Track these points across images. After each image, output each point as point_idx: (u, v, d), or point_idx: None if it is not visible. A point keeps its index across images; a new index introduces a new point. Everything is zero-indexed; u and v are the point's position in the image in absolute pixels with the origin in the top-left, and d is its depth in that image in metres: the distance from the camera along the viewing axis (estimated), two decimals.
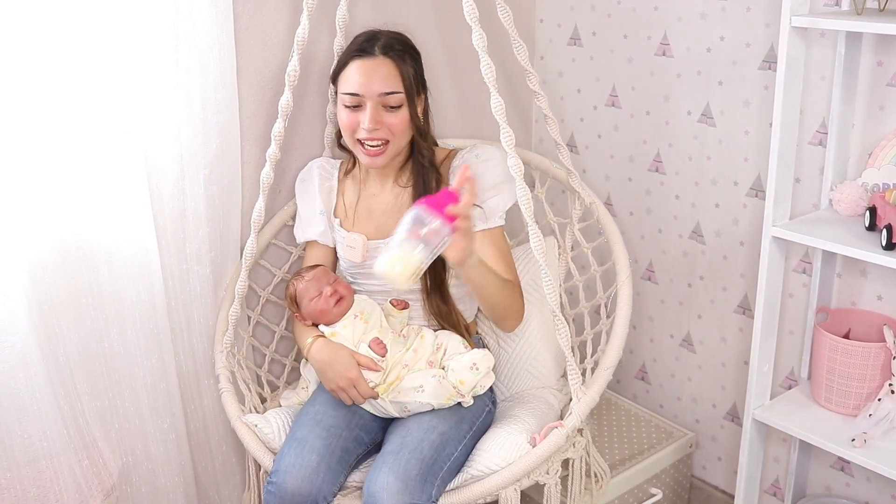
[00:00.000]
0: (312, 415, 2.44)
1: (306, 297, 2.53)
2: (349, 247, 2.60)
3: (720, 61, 2.80)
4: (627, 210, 3.21)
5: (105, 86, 2.32)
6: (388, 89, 2.41)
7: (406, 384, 2.43)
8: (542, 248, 2.33)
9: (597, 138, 3.24)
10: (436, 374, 2.45)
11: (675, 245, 3.09)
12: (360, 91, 2.41)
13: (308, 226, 2.68)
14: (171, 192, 2.52)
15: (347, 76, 2.44)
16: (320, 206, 2.66)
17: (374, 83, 2.40)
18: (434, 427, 2.38)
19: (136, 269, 2.48)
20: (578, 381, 2.41)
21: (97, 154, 2.35)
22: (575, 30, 3.21)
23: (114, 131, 2.36)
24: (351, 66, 2.44)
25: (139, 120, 2.41)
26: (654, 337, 3.26)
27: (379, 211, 2.60)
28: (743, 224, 2.87)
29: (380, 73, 2.41)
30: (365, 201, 2.63)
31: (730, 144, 2.84)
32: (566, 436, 2.35)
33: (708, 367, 3.11)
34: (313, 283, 2.54)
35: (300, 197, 2.72)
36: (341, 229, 2.63)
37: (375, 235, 2.59)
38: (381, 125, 2.42)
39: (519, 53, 2.40)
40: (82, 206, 2.36)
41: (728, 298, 2.98)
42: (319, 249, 2.69)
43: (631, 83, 3.08)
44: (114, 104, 2.35)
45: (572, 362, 2.39)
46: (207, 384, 2.72)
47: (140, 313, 2.52)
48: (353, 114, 2.44)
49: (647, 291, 3.22)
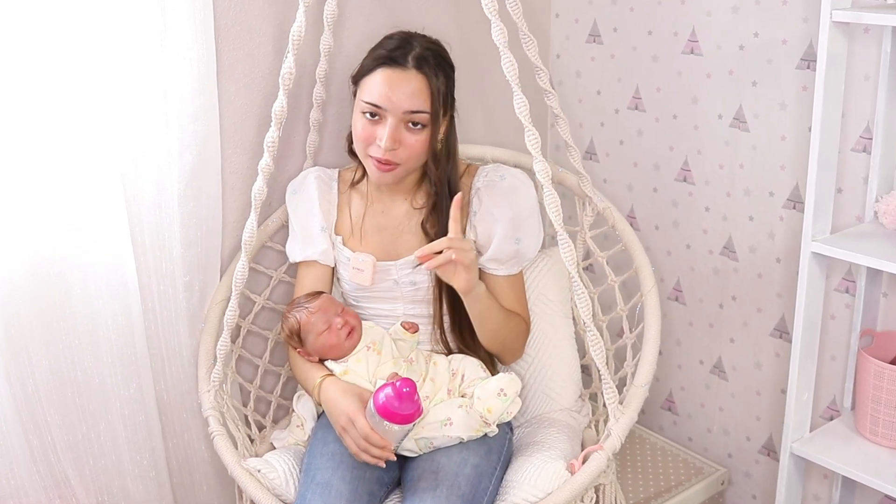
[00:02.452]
0: (329, 455, 2.40)
1: (313, 331, 2.49)
2: (356, 269, 2.59)
3: (754, 60, 2.80)
4: (652, 223, 3.21)
5: (75, 91, 2.32)
6: (414, 108, 2.40)
7: (431, 418, 2.40)
8: (574, 258, 2.31)
9: (618, 145, 3.25)
10: (462, 403, 2.44)
11: (705, 262, 3.09)
12: (383, 104, 2.40)
13: (307, 244, 2.65)
14: (149, 206, 2.51)
15: (372, 84, 2.43)
16: (321, 221, 2.64)
17: (402, 99, 2.39)
18: (466, 460, 2.37)
19: (111, 289, 2.47)
20: (615, 400, 2.39)
21: (67, 163, 2.35)
22: (594, 25, 3.21)
23: (85, 136, 2.36)
24: (378, 73, 2.42)
25: (113, 127, 2.40)
26: (681, 363, 3.26)
27: (389, 229, 2.60)
28: (779, 239, 2.87)
29: (409, 88, 2.39)
30: (373, 218, 2.62)
31: (765, 151, 2.84)
32: (607, 459, 2.34)
33: (741, 396, 3.11)
34: (320, 316, 2.49)
35: (295, 211, 2.69)
36: (345, 248, 2.62)
37: (384, 256, 2.59)
38: (400, 145, 2.42)
39: (528, 48, 2.39)
40: (52, 219, 2.36)
41: (763, 320, 2.98)
42: (318, 270, 2.66)
43: (656, 84, 3.09)
44: (85, 108, 2.34)
45: (608, 379, 2.38)
46: (191, 417, 2.71)
47: (116, 337, 2.51)
48: (370, 125, 2.43)
49: (674, 313, 3.23)
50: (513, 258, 2.55)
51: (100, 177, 2.40)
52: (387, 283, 2.59)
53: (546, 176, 2.27)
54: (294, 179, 2.73)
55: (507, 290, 2.57)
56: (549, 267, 2.80)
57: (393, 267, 2.57)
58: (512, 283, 2.59)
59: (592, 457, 2.33)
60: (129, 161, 2.46)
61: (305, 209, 2.66)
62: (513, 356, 2.65)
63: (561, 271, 2.80)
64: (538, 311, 2.73)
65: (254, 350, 2.85)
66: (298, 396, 2.64)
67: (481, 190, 2.55)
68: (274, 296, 2.86)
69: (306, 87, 2.76)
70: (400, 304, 2.61)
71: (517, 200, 2.54)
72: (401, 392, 2.23)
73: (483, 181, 2.57)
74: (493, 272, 2.56)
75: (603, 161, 3.30)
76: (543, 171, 2.27)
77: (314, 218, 2.64)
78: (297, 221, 2.68)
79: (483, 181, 2.57)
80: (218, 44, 2.56)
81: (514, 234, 2.53)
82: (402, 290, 2.59)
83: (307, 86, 2.76)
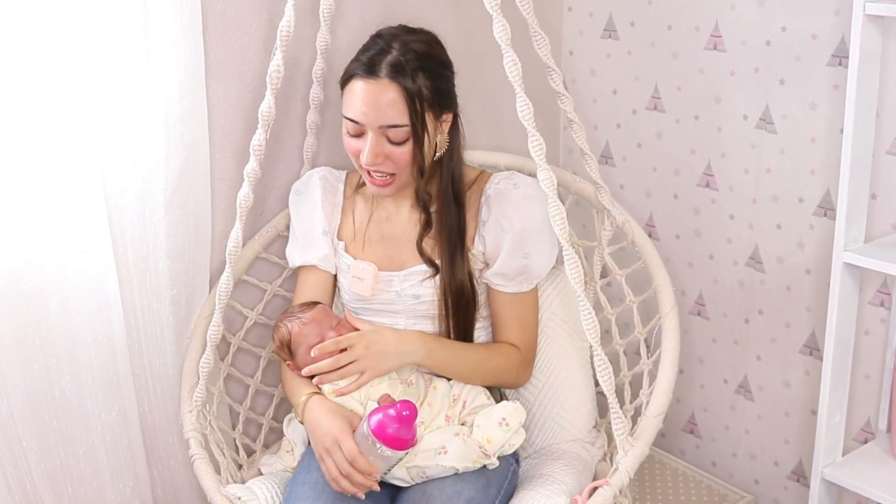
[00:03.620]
0: (311, 484, 2.40)
1: (304, 343, 2.46)
2: (356, 277, 2.59)
3: (781, 56, 2.79)
4: (672, 233, 3.21)
5: (51, 92, 2.30)
6: (389, 122, 2.38)
7: (425, 445, 2.39)
8: (580, 276, 2.30)
9: (636, 148, 3.25)
10: (459, 431, 2.42)
11: (730, 273, 3.09)
12: (358, 119, 2.39)
13: (308, 247, 2.65)
14: (133, 215, 2.51)
15: (348, 96, 2.42)
16: (323, 224, 2.63)
17: (374, 113, 2.37)
18: (460, 493, 2.36)
19: (92, 304, 2.47)
20: (625, 431, 2.37)
21: (43, 169, 2.33)
22: (609, 19, 3.21)
23: (62, 140, 2.34)
24: (352, 85, 2.41)
25: (93, 130, 2.39)
26: (704, 382, 3.26)
27: (394, 237, 2.59)
28: (809, 248, 2.86)
29: (382, 100, 2.37)
30: (377, 224, 2.61)
31: (793, 154, 2.83)
32: (613, 496, 2.32)
33: (769, 418, 3.10)
34: (313, 327, 2.48)
35: (297, 212, 2.68)
36: (347, 255, 2.62)
37: (388, 266, 2.58)
38: (384, 159, 2.41)
39: (539, 46, 2.37)
40: (27, 229, 2.35)
41: (792, 336, 2.98)
42: (318, 276, 2.65)
43: (676, 82, 3.08)
44: (62, 111, 2.33)
45: (617, 408, 2.36)
46: (178, 441, 2.71)
47: (97, 356, 2.50)
48: (353, 140, 2.43)
49: (696, 328, 3.22)
50: (521, 274, 2.54)
51: (79, 184, 2.39)
52: (388, 294, 2.58)
53: (551, 186, 2.26)
54: (299, 180, 2.73)
55: (511, 308, 2.57)
56: (561, 285, 2.78)
57: (395, 278, 2.56)
58: (520, 302, 2.57)
59: (598, 492, 2.32)
60: (111, 167, 2.45)
61: (308, 211, 2.66)
62: (509, 386, 2.66)
63: (573, 289, 2.75)
64: (549, 333, 2.72)
65: (244, 369, 2.85)
66: (290, 419, 2.63)
67: (491, 198, 2.54)
68: (268, 311, 2.85)
69: (302, 88, 2.76)
70: (402, 319, 2.59)
71: (528, 212, 2.52)
72: (401, 415, 2.23)
73: (494, 189, 2.56)
74: (500, 288, 2.55)
75: (619, 166, 3.30)
76: (548, 180, 2.26)
77: (316, 221, 2.64)
78: (299, 224, 2.67)
79: (494, 189, 2.56)
80: (206, 41, 2.55)
81: (523, 248, 2.52)
82: (404, 303, 2.58)
83: (303, 86, 2.76)
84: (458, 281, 2.49)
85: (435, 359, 2.49)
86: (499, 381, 2.60)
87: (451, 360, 2.51)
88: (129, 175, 2.48)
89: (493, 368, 2.55)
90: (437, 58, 2.47)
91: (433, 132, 2.43)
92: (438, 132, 2.45)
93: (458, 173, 2.53)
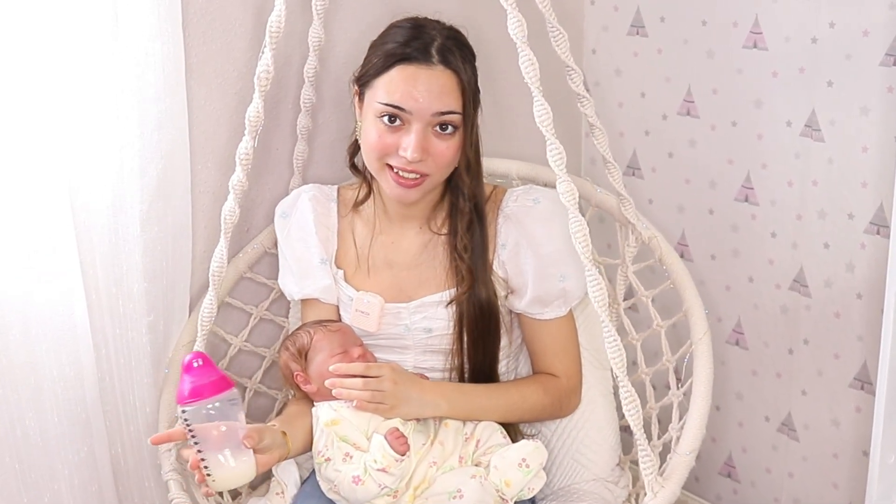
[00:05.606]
0: None
1: (326, 351, 2.47)
2: (360, 311, 2.58)
3: (829, 55, 2.78)
4: (707, 252, 3.21)
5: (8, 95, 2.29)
6: (445, 108, 2.37)
7: (438, 488, 2.40)
8: (604, 298, 2.27)
9: (667, 158, 3.25)
10: (475, 473, 2.42)
11: (771, 298, 3.08)
12: (409, 107, 2.36)
13: (304, 279, 2.64)
14: (103, 232, 2.50)
15: (390, 84, 2.39)
16: (320, 252, 2.63)
17: (430, 99, 2.36)
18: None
19: (57, 332, 2.46)
20: (654, 470, 2.34)
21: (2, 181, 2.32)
22: (637, 14, 3.22)
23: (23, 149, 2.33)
24: (396, 71, 2.38)
25: (58, 137, 2.38)
26: (743, 420, 3.26)
27: (401, 263, 2.58)
28: (860, 270, 2.85)
29: (437, 85, 2.36)
30: (381, 249, 2.61)
31: (843, 165, 2.82)
32: None
33: (815, 459, 3.09)
34: (339, 337, 2.50)
35: (286, 239, 2.68)
36: (348, 286, 2.61)
37: (395, 297, 2.57)
38: (428, 154, 2.39)
39: (558, 43, 2.35)
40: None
41: (841, 369, 2.96)
42: (320, 310, 2.65)
43: (712, 84, 3.08)
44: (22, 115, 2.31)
45: (644, 444, 2.33)
46: (155, 486, 2.70)
47: (63, 390, 2.49)
48: (389, 133, 2.39)
49: (733, 359, 3.22)
50: (559, 298, 2.55)
51: (42, 198, 2.37)
52: (396, 329, 2.58)
53: (571, 199, 2.23)
54: (284, 200, 2.73)
55: (551, 336, 2.58)
56: (581, 307, 2.76)
57: (404, 310, 2.56)
58: (558, 328, 2.58)
59: None
60: (79, 178, 2.44)
61: (300, 237, 2.65)
62: (555, 419, 2.69)
63: (596, 313, 2.73)
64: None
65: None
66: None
67: (511, 217, 2.54)
68: (253, 337, 2.86)
69: (293, 89, 2.77)
70: (410, 355, 2.60)
71: (556, 230, 2.49)
72: (190, 367, 2.23)
73: (513, 206, 2.56)
74: (538, 316, 2.56)
75: (648, 177, 3.31)
76: (568, 192, 2.23)
77: (311, 248, 2.64)
78: (291, 252, 2.67)
79: (513, 206, 2.56)
80: (186, 36, 2.55)
81: (557, 269, 2.52)
82: (413, 337, 2.58)
83: (294, 87, 2.76)
84: (483, 305, 2.50)
85: (458, 410, 2.49)
86: (539, 418, 2.64)
87: (478, 410, 2.51)
88: (99, 188, 2.47)
89: (529, 408, 2.57)
90: (471, 49, 2.48)
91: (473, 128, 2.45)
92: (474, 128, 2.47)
93: (479, 183, 2.53)
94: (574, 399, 2.65)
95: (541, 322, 2.56)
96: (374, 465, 2.32)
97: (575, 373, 2.63)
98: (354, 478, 2.34)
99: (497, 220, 2.55)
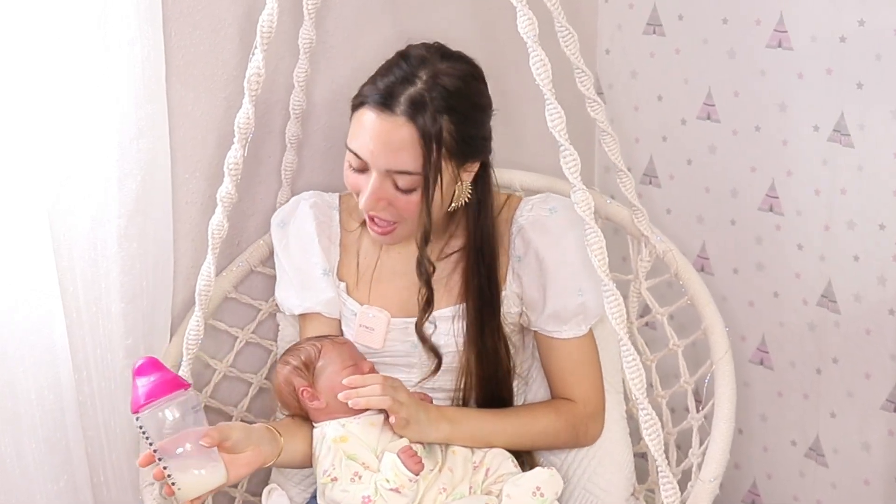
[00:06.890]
0: None
1: (337, 363, 2.45)
2: (364, 327, 2.57)
3: (859, 55, 2.78)
4: (729, 266, 3.22)
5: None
6: (397, 167, 2.33)
7: None
8: (623, 316, 2.26)
9: (685, 165, 3.25)
10: (488, 502, 2.42)
11: (798, 314, 3.08)
12: (364, 156, 2.35)
13: (306, 291, 2.62)
14: (82, 248, 2.50)
15: (356, 125, 2.37)
16: (322, 262, 2.62)
17: (382, 153, 2.32)
18: None
19: (36, 355, 2.44)
20: (676, 499, 2.31)
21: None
22: (654, 12, 3.23)
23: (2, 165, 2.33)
24: (363, 114, 2.35)
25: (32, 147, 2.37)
26: (768, 444, 3.26)
27: (408, 275, 2.54)
28: (893, 284, 2.85)
29: (394, 140, 2.31)
30: (387, 260, 2.60)
31: (874, 172, 2.82)
32: None
33: (845, 486, 3.09)
34: (349, 350, 2.49)
35: (285, 250, 2.67)
36: (351, 299, 2.60)
37: (401, 311, 2.56)
38: (387, 205, 2.38)
39: (567, 43, 2.33)
40: None
41: (873, 389, 2.96)
42: (322, 325, 2.63)
43: (734, 87, 3.08)
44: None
45: (666, 472, 2.30)
46: None
47: (42, 415, 2.48)
48: (355, 175, 2.39)
49: (757, 380, 3.22)
50: (578, 314, 2.53)
51: (18, 212, 2.36)
52: (403, 346, 2.58)
53: (587, 209, 2.22)
54: (281, 208, 2.73)
55: (569, 357, 2.56)
56: (593, 327, 2.73)
57: (412, 325, 2.53)
58: (577, 348, 2.56)
59: None
60: (55, 191, 2.43)
61: (300, 247, 2.64)
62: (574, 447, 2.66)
63: (608, 332, 2.72)
64: None
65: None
66: (269, 491, 2.61)
67: (526, 228, 2.53)
68: (239, 362, 2.85)
69: (282, 94, 2.76)
70: (416, 373, 2.59)
71: (575, 241, 2.48)
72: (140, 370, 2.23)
73: (527, 217, 2.55)
74: (555, 335, 2.54)
75: (665, 186, 3.32)
76: (584, 202, 2.22)
77: (313, 258, 2.62)
78: (290, 263, 2.66)
79: (527, 217, 2.55)
80: (168, 37, 2.54)
81: (576, 283, 2.51)
82: (420, 355, 2.57)
83: (284, 92, 2.76)
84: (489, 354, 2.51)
85: (462, 433, 2.47)
86: (554, 445, 2.62)
87: (484, 433, 2.50)
88: (75, 200, 2.46)
89: (541, 432, 2.55)
90: (471, 98, 2.42)
91: (449, 183, 2.39)
92: (458, 182, 2.42)
93: (487, 231, 2.50)
94: (594, 426, 2.62)
95: (559, 341, 2.55)
96: (385, 485, 2.31)
97: (594, 398, 2.61)
98: (365, 498, 2.33)
99: (511, 229, 2.54)
